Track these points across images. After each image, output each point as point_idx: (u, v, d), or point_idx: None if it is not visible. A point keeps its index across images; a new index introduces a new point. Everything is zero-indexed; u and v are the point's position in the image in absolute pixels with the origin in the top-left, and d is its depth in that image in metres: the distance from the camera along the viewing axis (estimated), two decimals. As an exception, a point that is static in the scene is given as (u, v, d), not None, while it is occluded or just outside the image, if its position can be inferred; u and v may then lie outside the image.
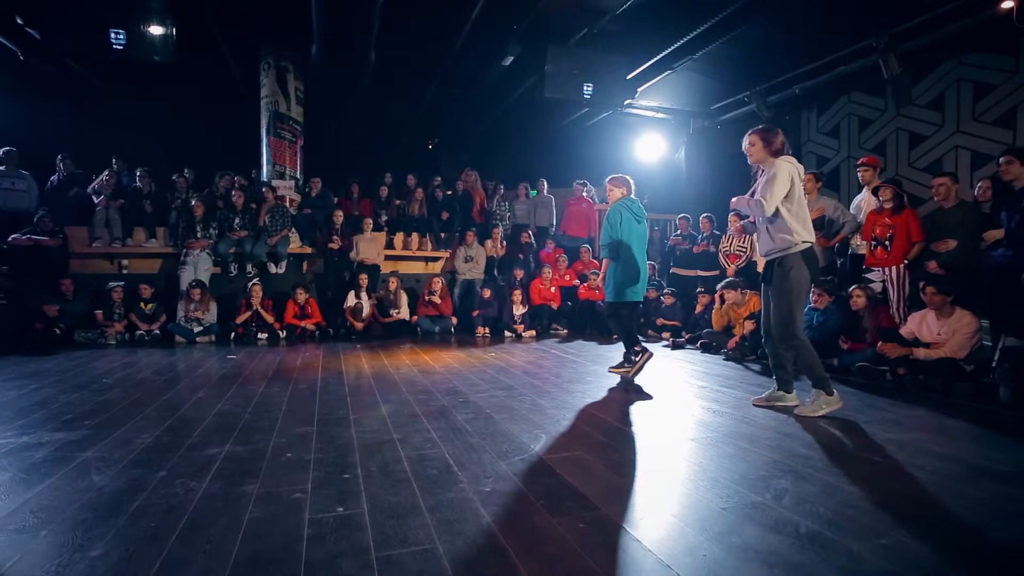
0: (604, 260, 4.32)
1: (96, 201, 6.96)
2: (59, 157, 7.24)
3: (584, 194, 8.86)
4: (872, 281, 4.93)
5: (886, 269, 4.82)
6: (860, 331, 4.51)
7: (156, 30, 6.21)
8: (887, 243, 4.79)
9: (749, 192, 3.27)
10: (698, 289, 6.65)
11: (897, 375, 3.97)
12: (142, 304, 6.47)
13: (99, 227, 6.87)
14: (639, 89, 8.40)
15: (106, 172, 7.14)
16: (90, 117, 8.58)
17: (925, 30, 6.39)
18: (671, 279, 7.69)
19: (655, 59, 7.62)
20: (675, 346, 6.17)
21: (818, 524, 1.74)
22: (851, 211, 5.51)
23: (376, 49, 7.40)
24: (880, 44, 6.66)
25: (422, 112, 10.20)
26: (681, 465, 2.32)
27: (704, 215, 7.44)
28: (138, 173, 7.51)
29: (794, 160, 3.08)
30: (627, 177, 4.33)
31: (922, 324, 4.01)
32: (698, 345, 5.94)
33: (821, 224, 5.56)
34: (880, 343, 4.10)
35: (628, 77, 7.95)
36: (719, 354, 5.54)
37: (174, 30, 6.29)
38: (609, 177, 4.39)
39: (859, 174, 5.54)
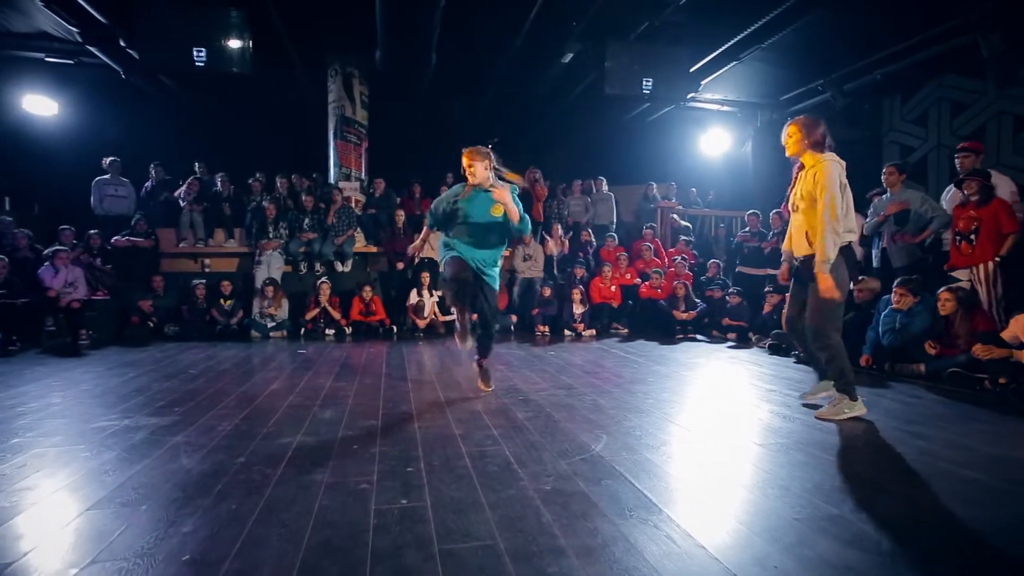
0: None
1: (182, 204, 7.54)
2: (152, 165, 7.88)
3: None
4: (959, 280, 4.52)
5: (974, 268, 4.40)
6: (951, 335, 4.15)
7: (234, 44, 6.66)
8: (972, 237, 4.37)
9: (791, 190, 3.09)
10: (767, 288, 6.34)
11: (998, 384, 3.61)
12: (222, 300, 6.93)
13: (184, 228, 7.44)
14: (703, 82, 8.10)
15: (191, 178, 7.71)
16: (177, 126, 9.29)
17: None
18: (736, 278, 7.38)
19: (720, 50, 7.33)
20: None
21: (904, 543, 1.62)
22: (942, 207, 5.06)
23: (437, 52, 7.55)
24: (979, 20, 6.05)
25: (482, 112, 10.32)
26: (748, 471, 2.22)
27: (775, 211, 7.08)
28: (219, 177, 8.06)
29: (835, 156, 2.93)
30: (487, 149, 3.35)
31: (1028, 327, 3.64)
32: (766, 346, 5.68)
33: (906, 219, 5.17)
34: (975, 345, 3.75)
35: (691, 70, 7.70)
36: (789, 356, 5.26)
37: (251, 43, 6.72)
38: (474, 150, 3.30)
39: (958, 162, 4.93)
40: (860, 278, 5.01)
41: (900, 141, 8.14)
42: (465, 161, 3.29)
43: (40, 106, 8.06)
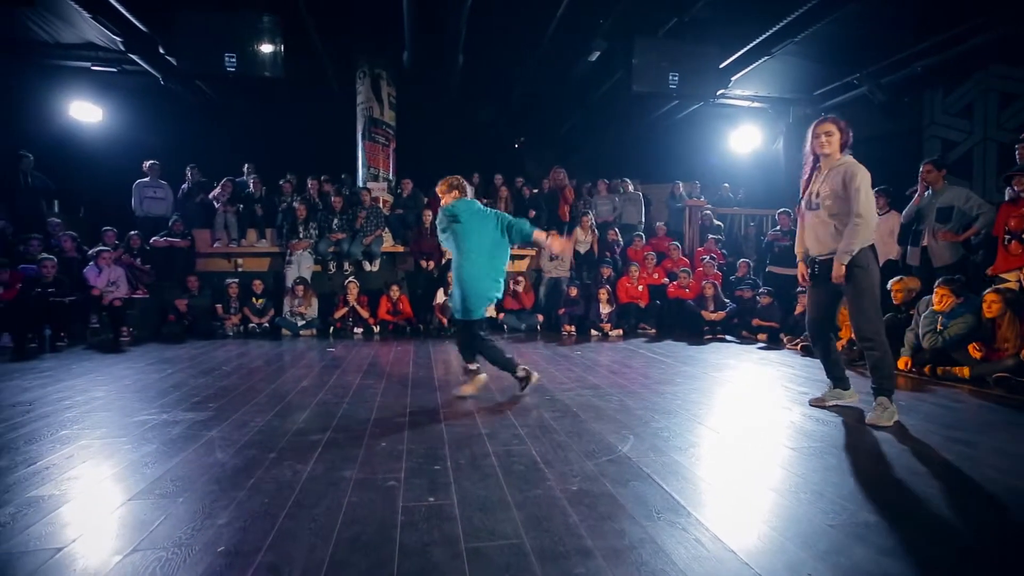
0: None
1: (216, 206, 7.76)
2: (188, 167, 8.13)
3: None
4: (1007, 281, 4.32)
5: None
6: (997, 338, 3.97)
7: (267, 49, 6.84)
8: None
9: (806, 191, 3.09)
10: (798, 288, 6.18)
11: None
12: (254, 299, 7.11)
13: (219, 229, 7.66)
14: (733, 78, 7.95)
15: (224, 180, 7.92)
16: (212, 129, 9.58)
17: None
18: (767, 278, 7.22)
19: (750, 45, 7.18)
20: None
21: (945, 553, 1.56)
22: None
23: (464, 52, 7.59)
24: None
25: (508, 112, 10.35)
26: (780, 475, 2.17)
27: (806, 209, 6.89)
28: (250, 179, 8.27)
29: None
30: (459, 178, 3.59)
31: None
32: (799, 348, 5.54)
33: (949, 216, 4.97)
34: (1024, 351, 3.59)
35: (721, 66, 7.56)
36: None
37: (282, 47, 6.89)
38: (441, 182, 3.60)
39: (1018, 153, 4.74)
40: (899, 278, 4.85)
41: (942, 135, 7.83)
42: None
43: (86, 112, 8.43)
